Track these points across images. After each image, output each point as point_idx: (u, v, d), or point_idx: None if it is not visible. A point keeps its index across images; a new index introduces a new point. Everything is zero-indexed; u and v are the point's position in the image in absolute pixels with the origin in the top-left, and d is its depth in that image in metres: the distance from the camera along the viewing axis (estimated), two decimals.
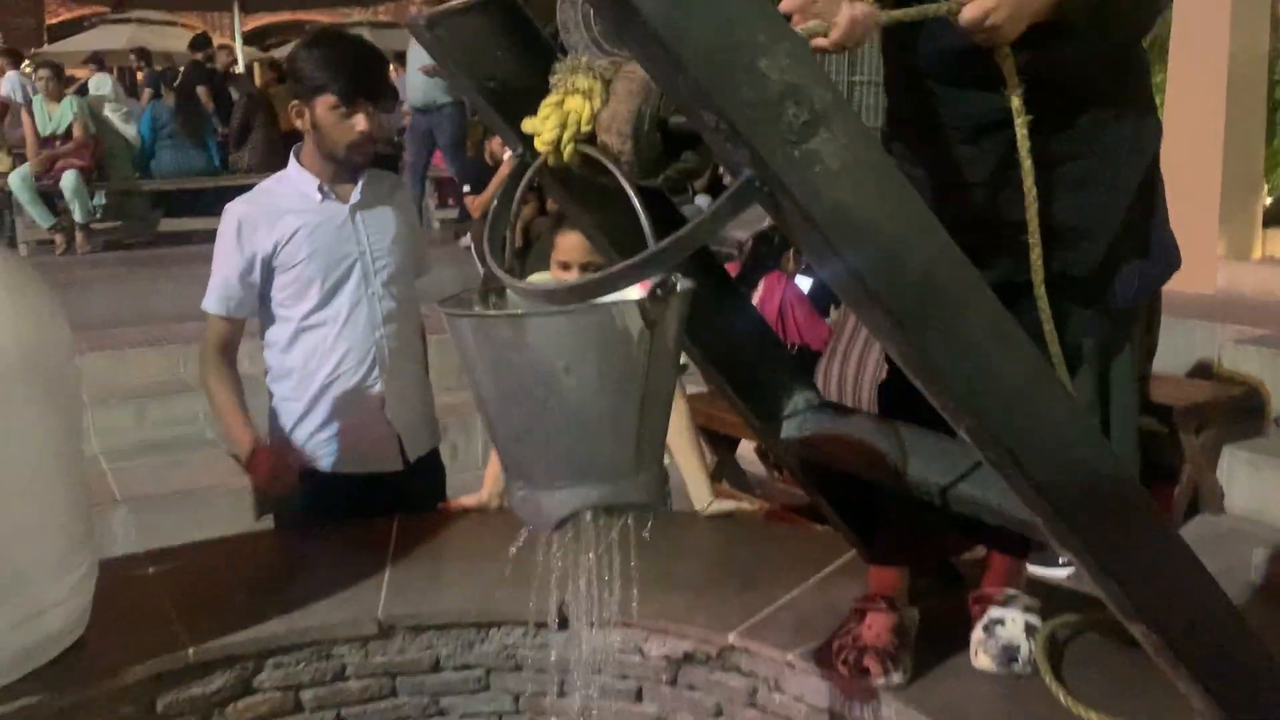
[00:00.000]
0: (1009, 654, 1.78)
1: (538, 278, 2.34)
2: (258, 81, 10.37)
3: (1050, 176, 1.47)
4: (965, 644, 1.82)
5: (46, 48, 13.77)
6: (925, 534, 1.91)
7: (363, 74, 2.35)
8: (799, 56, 1.01)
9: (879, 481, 1.67)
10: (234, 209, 2.44)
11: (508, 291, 1.32)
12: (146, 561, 2.31)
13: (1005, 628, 1.82)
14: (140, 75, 10.38)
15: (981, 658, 1.80)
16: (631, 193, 1.21)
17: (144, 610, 2.07)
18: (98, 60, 10.40)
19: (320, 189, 2.44)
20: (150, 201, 9.26)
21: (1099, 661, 1.79)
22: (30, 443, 1.74)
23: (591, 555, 1.91)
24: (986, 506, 1.47)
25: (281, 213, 2.41)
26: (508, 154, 1.67)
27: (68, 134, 8.34)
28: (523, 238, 1.32)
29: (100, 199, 8.86)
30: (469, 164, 7.26)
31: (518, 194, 1.34)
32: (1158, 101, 7.85)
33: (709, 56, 0.97)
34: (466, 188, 6.94)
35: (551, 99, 1.27)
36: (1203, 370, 5.37)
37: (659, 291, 1.16)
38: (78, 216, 8.27)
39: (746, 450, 4.76)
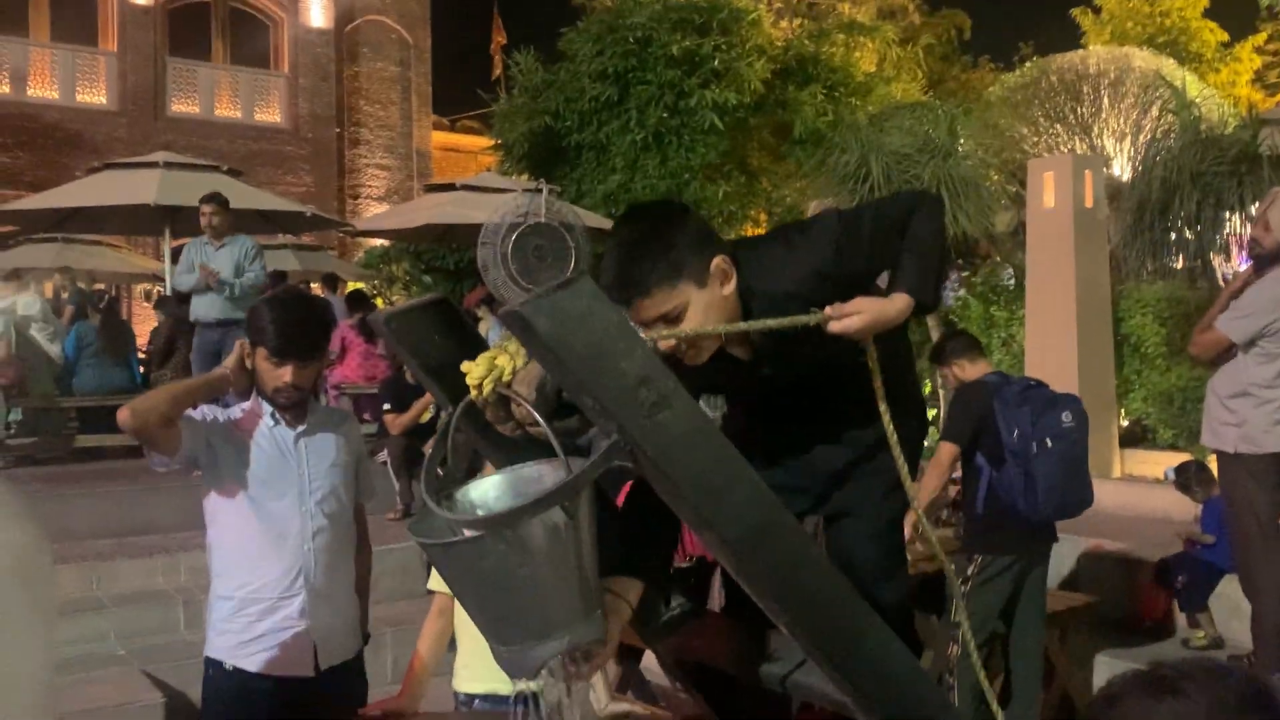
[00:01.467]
0: None
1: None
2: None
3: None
4: None
5: None
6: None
7: (297, 337, 2.78)
8: (648, 357, 1.48)
9: (734, 672, 2.05)
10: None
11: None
12: None
13: None
14: (64, 294, 10.73)
15: None
16: (540, 421, 1.62)
17: None
18: (17, 276, 10.77)
19: (273, 415, 2.86)
20: (67, 417, 9.42)
21: None
22: (17, 656, 2.02)
23: None
24: (813, 691, 1.86)
25: (238, 423, 2.82)
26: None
27: None
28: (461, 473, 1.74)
29: (17, 414, 9.02)
30: (389, 383, 7.67)
31: (450, 431, 1.74)
32: (1018, 335, 8.77)
33: (584, 360, 1.43)
34: (386, 405, 7.34)
35: (487, 353, 1.70)
36: (1069, 583, 5.87)
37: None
38: None
39: (651, 662, 5.05)
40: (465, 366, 1.61)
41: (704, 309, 1.84)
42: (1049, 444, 4.28)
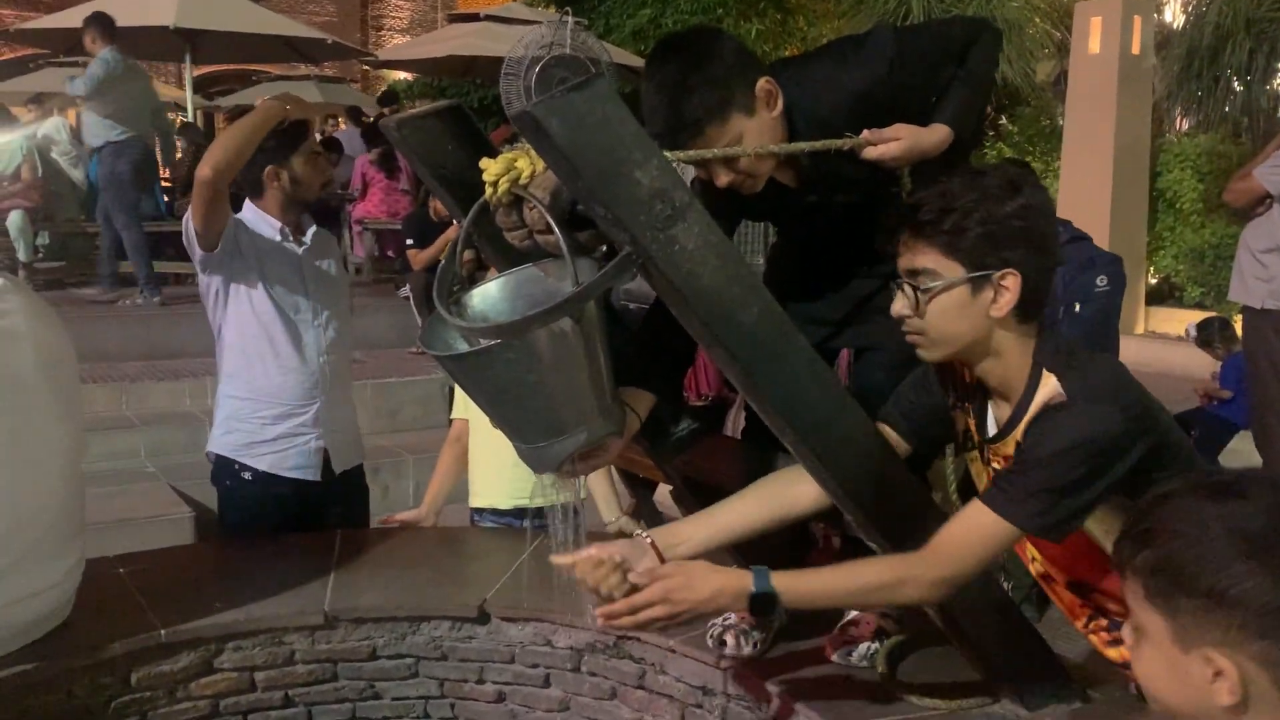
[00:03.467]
0: (848, 648, 2.17)
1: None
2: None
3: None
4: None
5: None
6: (790, 548, 2.33)
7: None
8: (664, 169, 1.44)
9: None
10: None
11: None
12: (117, 564, 2.63)
13: (855, 628, 2.22)
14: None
15: (827, 649, 2.20)
16: (555, 227, 1.58)
17: (119, 601, 2.40)
18: (40, 101, 10.64)
19: (282, 231, 2.88)
20: (93, 244, 9.46)
21: (930, 663, 2.18)
22: (45, 446, 2.10)
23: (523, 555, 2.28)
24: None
25: (254, 237, 2.83)
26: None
27: (15, 174, 8.56)
28: (467, 280, 1.71)
29: (44, 238, 9.06)
30: (412, 219, 7.62)
31: (461, 237, 1.72)
32: (1052, 188, 8.57)
33: (599, 168, 1.39)
34: (409, 241, 7.31)
35: (509, 154, 1.67)
36: None
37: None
38: (21, 255, 8.46)
39: (663, 495, 5.16)
40: (484, 163, 1.57)
41: (757, 137, 1.80)
42: (1078, 309, 4.16)
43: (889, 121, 1.84)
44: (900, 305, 1.64)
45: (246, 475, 2.86)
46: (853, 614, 2.21)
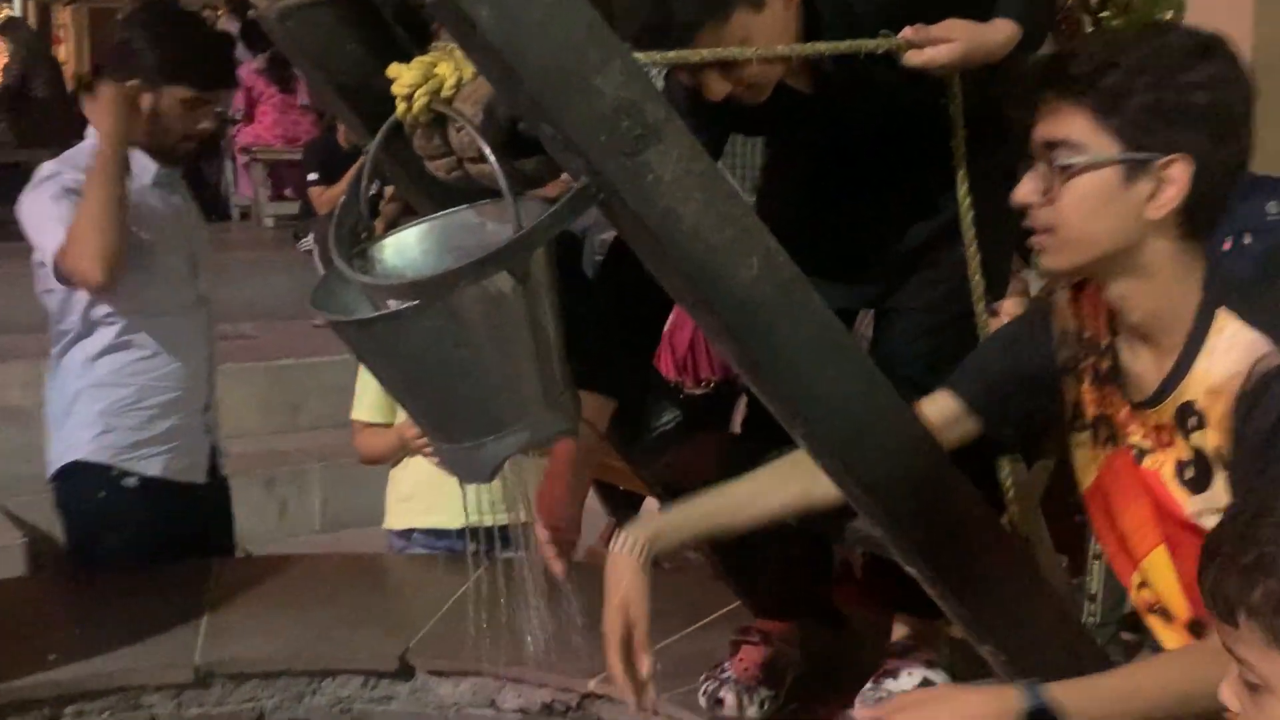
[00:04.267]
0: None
1: None
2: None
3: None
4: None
5: None
6: (810, 582, 2.37)
7: (219, 66, 2.85)
8: (633, 74, 1.45)
9: None
10: (55, 173, 2.81)
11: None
12: None
13: (895, 681, 2.25)
14: None
15: (857, 709, 2.22)
16: (490, 155, 1.59)
17: None
18: None
19: (155, 177, 2.89)
20: None
21: None
22: None
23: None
24: (839, 525, 1.91)
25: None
26: None
27: None
28: (380, 227, 1.70)
29: None
30: (315, 146, 7.59)
31: (366, 170, 1.73)
32: None
33: (545, 73, 1.39)
34: (313, 175, 7.29)
35: (426, 58, 1.67)
36: None
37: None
38: None
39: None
40: (393, 70, 1.58)
41: (764, 38, 1.81)
42: (1246, 241, 4.16)
43: (937, 16, 1.84)
44: (1027, 189, 1.58)
45: (130, 482, 2.89)
46: (890, 664, 2.24)
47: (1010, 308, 4.12)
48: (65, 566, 3.04)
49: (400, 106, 1.58)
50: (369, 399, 3.19)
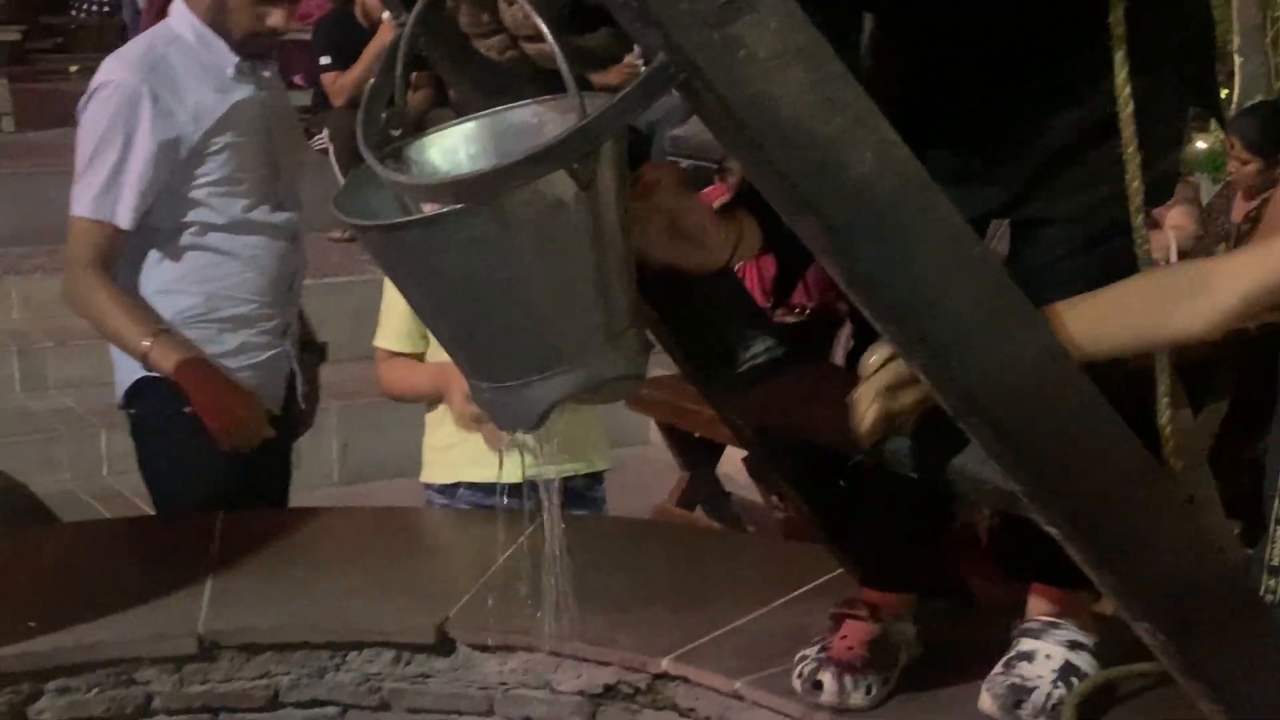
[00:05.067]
0: (1017, 695, 2.20)
1: None
2: None
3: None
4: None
5: None
6: (927, 547, 2.37)
7: None
8: None
9: (848, 451, 2.11)
10: (122, 78, 2.92)
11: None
12: None
13: (1029, 664, 2.26)
14: None
15: (984, 698, 2.23)
16: (549, 36, 1.60)
17: None
18: None
19: (238, 67, 3.01)
20: None
21: (1148, 717, 2.21)
22: None
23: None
24: (967, 477, 1.91)
25: (197, 85, 2.95)
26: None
27: None
28: (414, 120, 1.70)
29: None
30: (328, 24, 7.59)
31: (399, 62, 1.74)
32: None
33: None
34: (326, 59, 7.32)
35: None
36: None
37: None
38: None
39: (731, 468, 5.20)
40: None
41: None
42: None
43: None
44: None
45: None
46: (1024, 643, 2.25)
47: (1175, 218, 4.08)
48: (42, 519, 3.11)
49: None
50: (396, 324, 3.23)
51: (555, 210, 1.57)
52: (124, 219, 2.88)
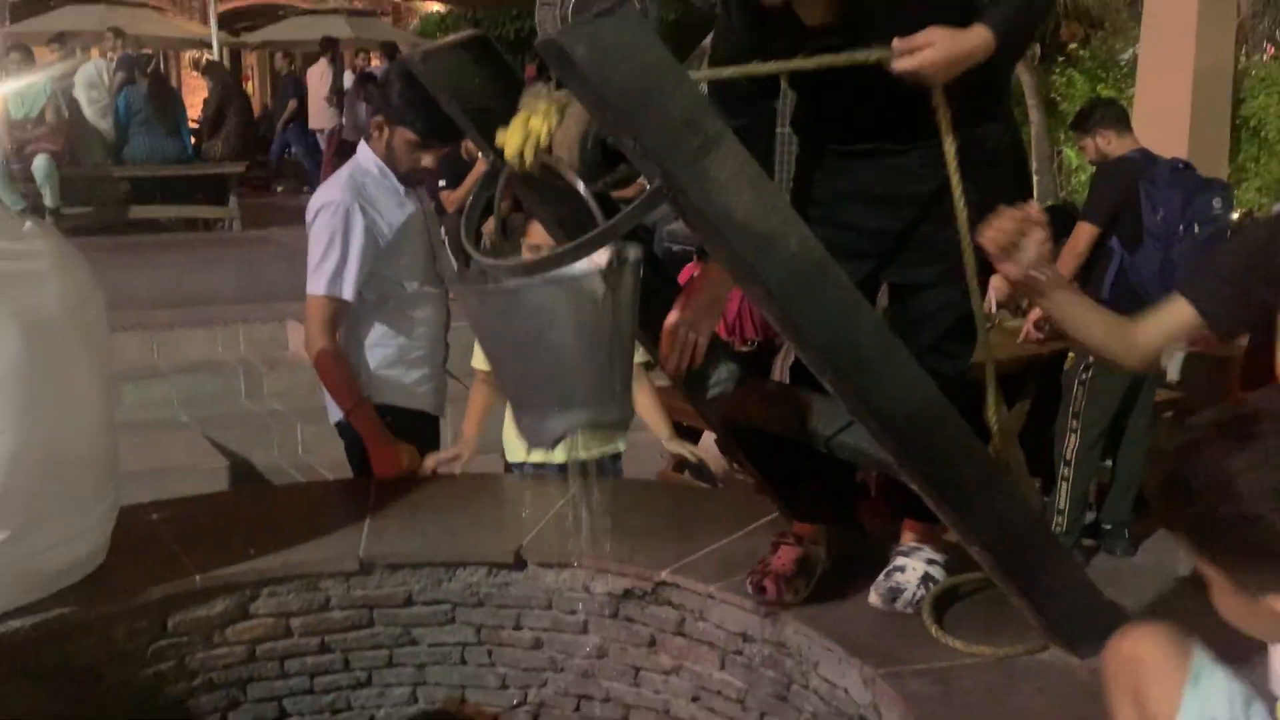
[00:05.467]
0: (893, 594, 2.21)
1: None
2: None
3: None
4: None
5: (9, 27, 14.08)
6: (836, 496, 2.37)
7: (438, 125, 2.76)
8: (694, 96, 1.46)
9: (783, 434, 2.11)
10: (340, 199, 2.87)
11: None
12: (150, 510, 2.73)
13: (902, 574, 2.25)
14: (112, 55, 10.69)
15: (871, 595, 2.23)
16: (582, 188, 1.64)
17: (154, 546, 2.50)
18: (61, 41, 10.77)
19: (402, 192, 2.98)
20: (121, 188, 9.60)
21: (978, 610, 2.20)
22: (75, 388, 2.18)
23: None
24: (858, 451, 1.92)
25: (386, 202, 2.93)
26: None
27: (40, 117, 8.69)
28: (502, 229, 1.73)
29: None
30: (444, 159, 7.64)
31: (497, 192, 1.76)
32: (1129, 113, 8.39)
33: (626, 96, 1.41)
34: (442, 183, 7.34)
35: (519, 117, 1.69)
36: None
37: (614, 263, 1.61)
38: (49, 201, 8.61)
39: (709, 445, 5.21)
40: (500, 140, 1.60)
41: None
42: (1197, 229, 4.15)
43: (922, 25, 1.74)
44: None
45: (395, 414, 2.99)
46: (898, 560, 2.25)
47: (995, 281, 4.07)
48: (258, 484, 3.12)
49: (516, 165, 1.61)
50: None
51: (591, 301, 1.59)
52: (348, 294, 2.85)
